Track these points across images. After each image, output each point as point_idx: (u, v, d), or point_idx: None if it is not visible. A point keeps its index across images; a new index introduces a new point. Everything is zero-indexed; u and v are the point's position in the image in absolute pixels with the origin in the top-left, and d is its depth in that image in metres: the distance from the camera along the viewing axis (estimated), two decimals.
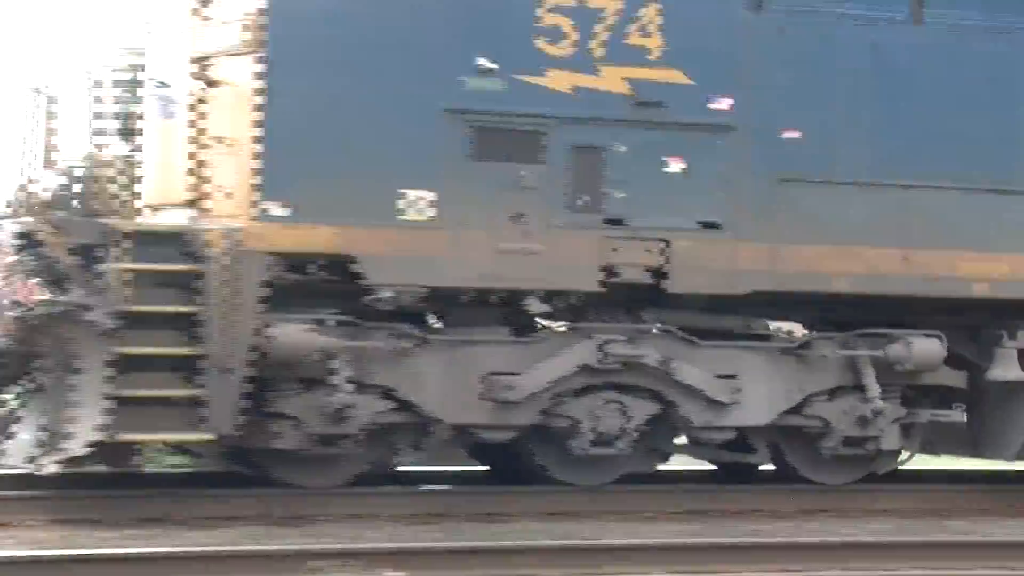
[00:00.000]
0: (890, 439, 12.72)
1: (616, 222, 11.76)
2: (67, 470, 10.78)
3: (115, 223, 11.02)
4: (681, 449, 12.85)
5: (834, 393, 12.53)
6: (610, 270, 11.76)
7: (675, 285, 11.90)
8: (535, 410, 11.82)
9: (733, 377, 12.19)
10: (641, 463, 12.55)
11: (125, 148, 12.01)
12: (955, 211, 12.54)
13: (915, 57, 12.43)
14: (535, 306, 11.71)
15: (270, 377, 11.23)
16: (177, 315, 10.93)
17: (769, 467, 13.20)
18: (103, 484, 11.59)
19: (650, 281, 11.86)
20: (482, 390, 11.64)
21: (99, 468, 11.60)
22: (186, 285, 10.95)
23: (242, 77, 11.16)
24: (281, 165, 11.03)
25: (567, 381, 11.88)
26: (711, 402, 12.14)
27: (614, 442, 11.99)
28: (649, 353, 11.99)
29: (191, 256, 10.96)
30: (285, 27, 11.04)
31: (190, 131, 11.61)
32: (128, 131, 12.16)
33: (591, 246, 11.68)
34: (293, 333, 11.10)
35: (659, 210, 11.83)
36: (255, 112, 11.01)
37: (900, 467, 13.44)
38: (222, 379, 10.90)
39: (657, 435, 12.35)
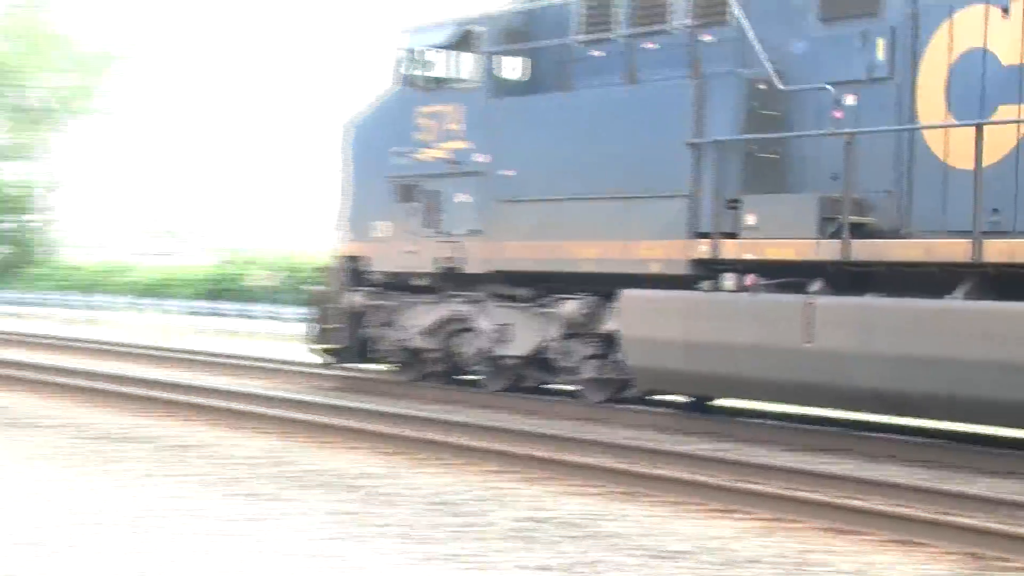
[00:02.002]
0: (587, 369, 18.56)
1: (447, 234, 20.10)
2: None
3: None
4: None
5: (570, 338, 18.87)
6: (441, 261, 20.15)
7: (469, 268, 19.79)
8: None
9: (510, 325, 19.52)
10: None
11: None
12: (574, 214, 18.16)
13: (565, 115, 18.45)
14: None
15: None
16: None
17: None
18: None
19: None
20: None
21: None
22: None
23: None
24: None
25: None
26: (498, 340, 19.62)
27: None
28: (471, 310, 19.97)
29: None
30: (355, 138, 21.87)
31: None
32: None
33: (424, 247, 20.24)
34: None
35: (454, 225, 19.92)
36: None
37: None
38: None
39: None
